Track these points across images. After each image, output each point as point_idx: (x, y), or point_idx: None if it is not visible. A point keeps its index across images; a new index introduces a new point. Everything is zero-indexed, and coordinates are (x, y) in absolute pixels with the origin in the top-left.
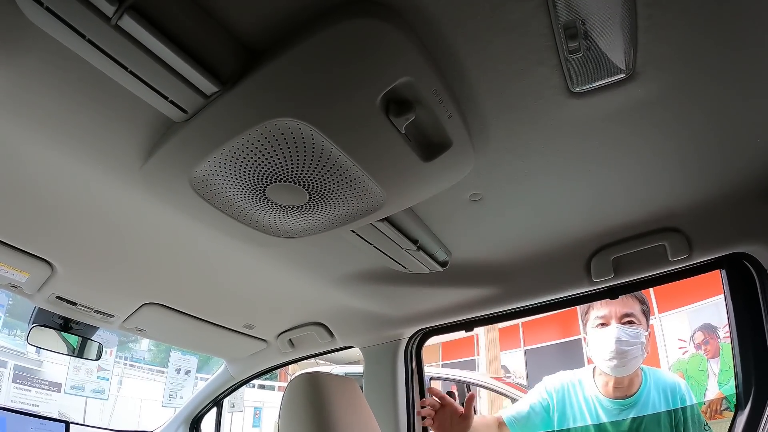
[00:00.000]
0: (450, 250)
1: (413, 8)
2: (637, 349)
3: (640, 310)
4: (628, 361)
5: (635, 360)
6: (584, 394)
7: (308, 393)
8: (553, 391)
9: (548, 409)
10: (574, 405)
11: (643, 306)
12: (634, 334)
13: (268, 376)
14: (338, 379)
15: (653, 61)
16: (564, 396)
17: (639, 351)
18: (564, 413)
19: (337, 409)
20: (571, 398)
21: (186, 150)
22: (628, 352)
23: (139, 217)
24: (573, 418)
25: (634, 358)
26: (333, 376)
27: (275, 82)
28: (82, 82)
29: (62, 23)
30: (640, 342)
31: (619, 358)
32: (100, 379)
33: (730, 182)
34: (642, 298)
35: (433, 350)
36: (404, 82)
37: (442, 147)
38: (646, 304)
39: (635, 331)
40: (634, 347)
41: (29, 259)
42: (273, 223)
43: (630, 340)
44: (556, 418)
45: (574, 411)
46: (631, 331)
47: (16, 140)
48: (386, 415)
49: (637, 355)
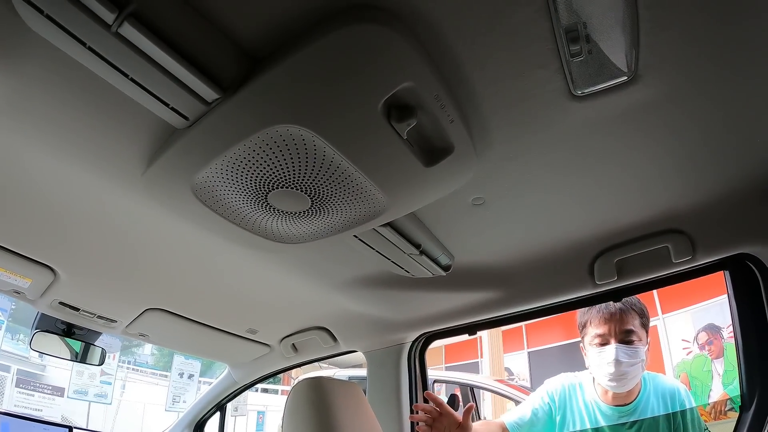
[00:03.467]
0: (453, 254)
1: (414, 13)
2: (637, 368)
3: (639, 324)
4: (629, 380)
5: (635, 378)
6: (584, 398)
7: (312, 397)
8: (554, 393)
9: (551, 413)
10: (574, 409)
11: (642, 319)
12: (633, 353)
13: (271, 380)
14: (342, 383)
15: (655, 63)
16: (565, 399)
17: (639, 369)
18: (564, 416)
19: (341, 414)
20: (571, 402)
21: (188, 156)
22: (628, 373)
23: (141, 223)
24: (572, 422)
25: (634, 377)
26: (336, 380)
27: (277, 89)
28: (83, 89)
29: (62, 31)
30: (640, 360)
31: (618, 378)
32: (103, 384)
33: (733, 183)
34: (641, 311)
35: (437, 353)
36: (406, 87)
37: (444, 152)
38: (645, 316)
39: (635, 350)
40: (634, 367)
41: (32, 265)
42: (275, 229)
43: (630, 360)
44: (558, 421)
45: (574, 415)
46: (631, 350)
47: (18, 147)
48: (390, 419)
49: (638, 373)
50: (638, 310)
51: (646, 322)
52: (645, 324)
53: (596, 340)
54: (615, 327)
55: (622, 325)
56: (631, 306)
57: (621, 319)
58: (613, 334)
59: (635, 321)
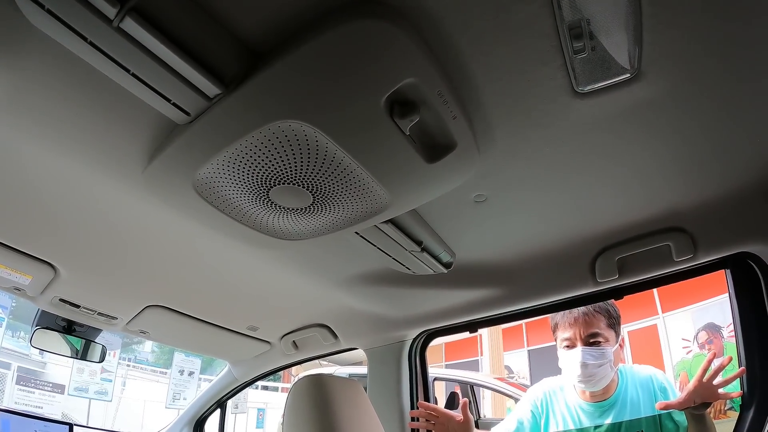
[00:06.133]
0: (454, 251)
1: (417, 9)
2: (605, 368)
3: (606, 325)
4: (598, 380)
5: (605, 377)
6: (566, 400)
7: (313, 395)
8: (536, 400)
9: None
10: (556, 411)
11: (609, 320)
12: (599, 354)
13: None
14: (342, 380)
15: (658, 60)
16: (547, 404)
17: (607, 369)
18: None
19: (342, 411)
20: (553, 405)
21: (189, 152)
22: (595, 373)
23: (142, 220)
24: (556, 423)
25: (603, 377)
26: (337, 378)
27: (279, 84)
28: (84, 84)
29: (63, 25)
30: (607, 361)
31: (587, 380)
32: (104, 381)
33: (735, 181)
34: (608, 311)
35: (437, 351)
36: (409, 83)
37: (446, 148)
38: (613, 316)
39: (600, 351)
40: (601, 367)
41: (32, 261)
42: (277, 226)
43: (596, 361)
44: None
45: (556, 417)
46: (596, 352)
47: (18, 143)
48: (391, 416)
49: (606, 373)
50: (604, 312)
51: (614, 322)
52: (613, 324)
53: (564, 343)
54: (580, 330)
55: (587, 328)
56: (596, 309)
57: (585, 322)
58: (579, 337)
59: (601, 323)
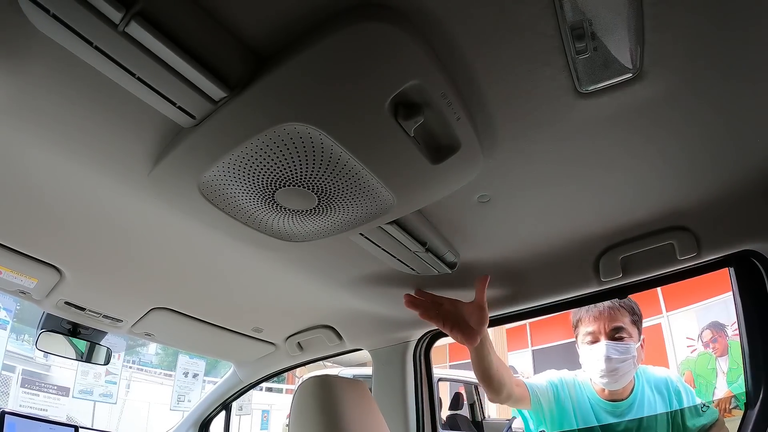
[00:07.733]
0: (458, 251)
1: (421, 12)
2: (628, 364)
3: (630, 321)
4: (620, 376)
5: (627, 374)
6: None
7: (318, 396)
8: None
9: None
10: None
11: (633, 317)
12: (624, 350)
13: (275, 379)
14: (348, 381)
15: (660, 60)
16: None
17: (630, 366)
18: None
19: (347, 412)
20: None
21: (195, 155)
22: (619, 369)
23: (147, 222)
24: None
25: (626, 373)
26: (342, 378)
27: (284, 87)
28: (90, 88)
29: (69, 30)
30: (630, 356)
31: (610, 375)
32: (108, 383)
33: (738, 180)
34: (632, 308)
35: (441, 351)
36: (413, 85)
37: (450, 149)
38: (636, 314)
39: (625, 347)
40: (625, 363)
41: (38, 265)
42: (282, 227)
43: (620, 356)
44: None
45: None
46: (621, 346)
47: (23, 147)
48: (396, 417)
49: (629, 369)
50: (628, 308)
51: (637, 319)
52: (636, 321)
53: (587, 337)
54: (604, 324)
55: (612, 322)
56: (621, 304)
57: (610, 316)
58: (603, 331)
59: (625, 319)
